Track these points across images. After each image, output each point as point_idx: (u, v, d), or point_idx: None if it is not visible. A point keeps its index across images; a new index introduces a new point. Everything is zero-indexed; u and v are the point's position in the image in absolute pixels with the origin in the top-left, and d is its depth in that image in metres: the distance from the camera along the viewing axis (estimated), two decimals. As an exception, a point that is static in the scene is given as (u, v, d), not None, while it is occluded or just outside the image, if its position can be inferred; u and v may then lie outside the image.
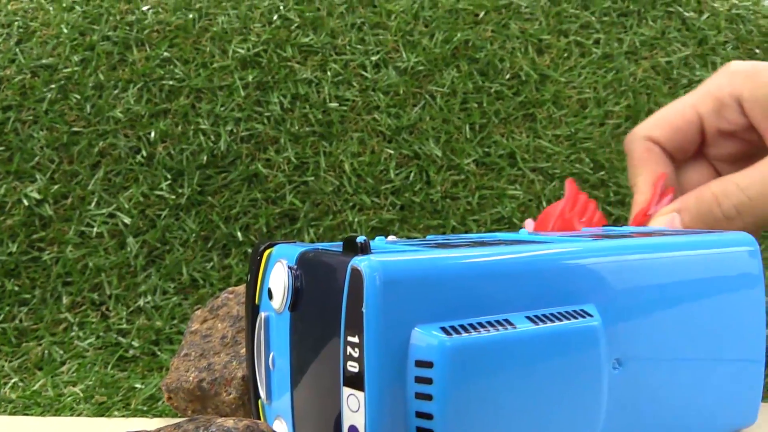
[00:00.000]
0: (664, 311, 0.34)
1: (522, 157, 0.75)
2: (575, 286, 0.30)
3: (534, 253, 0.29)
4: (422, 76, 0.75)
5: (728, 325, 0.37)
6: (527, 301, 0.28)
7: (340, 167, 0.70)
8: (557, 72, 0.79)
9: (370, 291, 0.26)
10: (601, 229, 0.44)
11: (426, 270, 0.27)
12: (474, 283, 0.27)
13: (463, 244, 0.33)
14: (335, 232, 0.69)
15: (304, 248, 0.32)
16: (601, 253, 0.31)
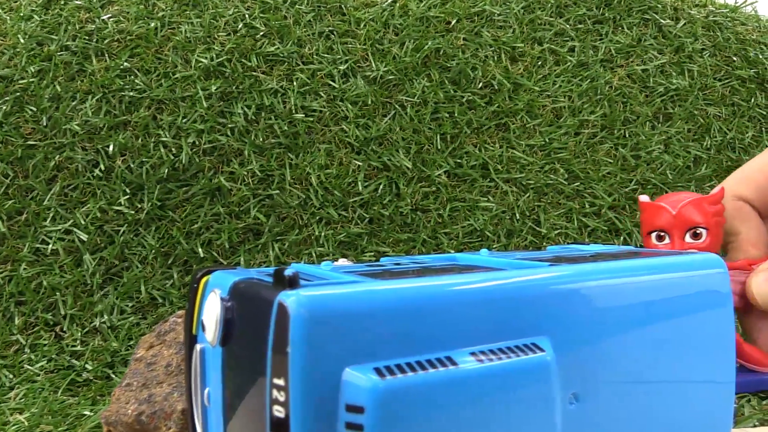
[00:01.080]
0: (627, 338, 0.32)
1: (495, 167, 0.73)
2: (526, 318, 0.28)
3: (480, 285, 0.27)
4: (392, 86, 0.73)
5: (696, 348, 0.35)
6: (472, 336, 0.26)
7: (306, 180, 0.68)
8: (531, 80, 0.77)
9: (296, 330, 0.24)
10: (565, 249, 0.42)
11: (360, 305, 0.25)
12: (413, 319, 0.25)
13: (410, 271, 0.30)
14: (301, 246, 0.67)
15: (239, 277, 0.30)
16: (556, 281, 0.29)
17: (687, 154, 0.79)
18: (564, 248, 0.43)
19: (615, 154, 0.77)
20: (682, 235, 0.43)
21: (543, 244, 0.72)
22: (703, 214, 0.44)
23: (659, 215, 0.44)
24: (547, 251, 0.42)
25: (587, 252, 0.40)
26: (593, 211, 0.74)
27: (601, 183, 0.75)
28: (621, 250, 0.41)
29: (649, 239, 0.44)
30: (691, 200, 0.44)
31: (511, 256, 0.38)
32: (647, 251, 0.39)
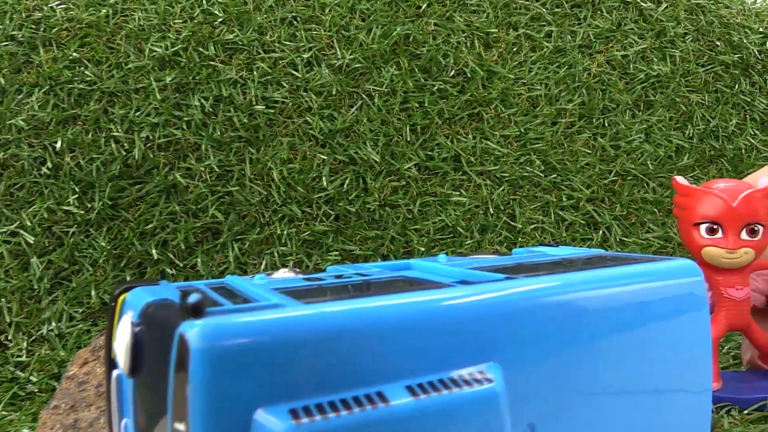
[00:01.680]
0: (593, 355, 0.29)
1: (468, 160, 0.69)
2: (473, 344, 0.24)
3: (420, 307, 0.24)
4: (359, 75, 0.69)
5: (669, 359, 0.32)
6: (410, 367, 0.23)
7: (268, 175, 0.65)
8: (506, 68, 0.73)
9: (197, 367, 0.20)
10: (530, 254, 0.39)
11: (276, 336, 0.21)
12: (339, 349, 0.22)
13: (346, 289, 0.27)
14: (263, 246, 0.63)
15: (152, 298, 0.26)
16: (509, 299, 0.26)
17: (668, 144, 0.76)
18: (530, 252, 0.40)
19: (594, 144, 0.74)
20: (738, 230, 0.39)
21: (518, 239, 0.68)
22: (761, 208, 0.39)
23: (714, 205, 0.38)
24: (512, 256, 0.38)
25: (553, 258, 0.36)
26: (571, 204, 0.71)
27: (579, 174, 0.72)
28: (591, 254, 0.37)
29: (697, 231, 0.39)
30: (753, 191, 0.38)
31: (469, 264, 0.35)
32: (618, 256, 0.36)
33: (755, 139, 0.80)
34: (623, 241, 0.71)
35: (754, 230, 0.39)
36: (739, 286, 0.41)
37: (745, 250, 0.39)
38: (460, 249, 0.67)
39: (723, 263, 0.40)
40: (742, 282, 0.41)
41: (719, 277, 0.41)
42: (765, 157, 0.80)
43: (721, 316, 0.41)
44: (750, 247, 0.39)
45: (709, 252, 0.40)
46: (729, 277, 0.41)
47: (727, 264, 0.40)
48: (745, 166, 0.78)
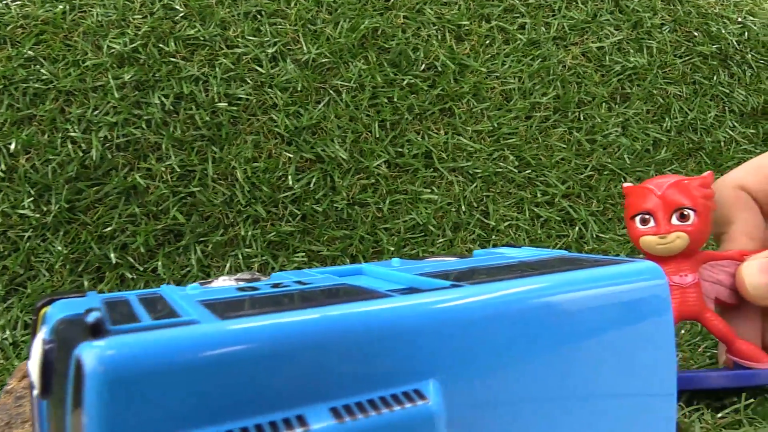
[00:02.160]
0: (546, 366, 0.27)
1: (439, 156, 0.68)
2: (409, 359, 0.23)
3: (349, 320, 0.22)
4: (326, 70, 0.67)
5: (630, 365, 0.30)
6: (336, 387, 0.21)
7: (231, 175, 0.63)
8: (478, 61, 0.71)
9: (92, 393, 0.18)
10: (490, 256, 0.37)
11: (182, 356, 0.19)
12: (256, 369, 0.20)
13: (276, 300, 0.25)
14: (227, 248, 0.61)
15: (66, 313, 0.24)
16: (449, 309, 0.24)
17: (646, 137, 0.75)
18: (489, 255, 0.38)
19: (569, 139, 0.72)
20: (668, 216, 0.41)
21: (492, 237, 0.67)
22: (690, 195, 0.40)
23: (644, 197, 0.41)
24: (469, 259, 0.37)
25: (510, 261, 0.35)
26: (546, 201, 0.69)
27: (554, 170, 0.70)
28: (551, 256, 0.36)
29: (634, 224, 0.41)
30: (677, 180, 0.41)
31: (421, 268, 0.33)
32: (580, 258, 0.34)
33: (734, 131, 0.78)
34: (600, 238, 0.69)
35: (683, 215, 0.41)
36: (683, 273, 0.42)
37: (676, 234, 0.41)
38: (431, 248, 0.65)
39: (658, 250, 0.40)
40: (689, 269, 0.42)
41: (665, 267, 0.41)
42: (744, 150, 0.78)
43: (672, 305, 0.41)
44: (682, 231, 0.40)
45: (644, 241, 0.41)
46: (675, 266, 0.42)
47: (662, 250, 0.41)
48: (725, 158, 0.77)
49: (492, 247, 0.43)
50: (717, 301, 0.42)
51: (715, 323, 0.41)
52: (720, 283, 0.42)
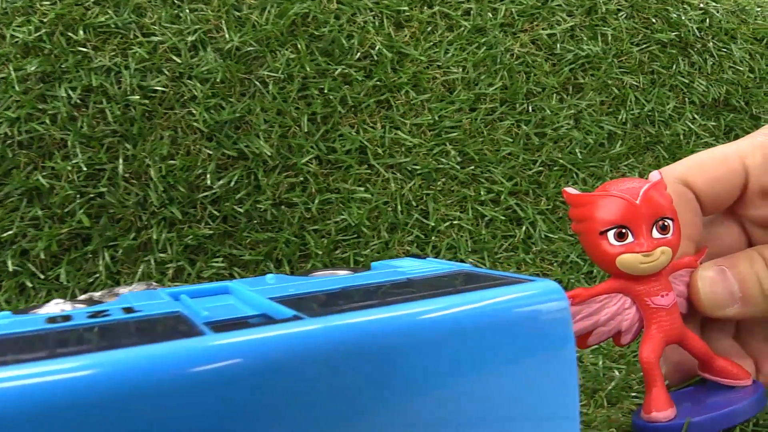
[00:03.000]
0: (411, 403, 0.23)
1: (375, 152, 0.63)
2: (215, 418, 0.18)
3: (125, 376, 0.17)
4: (251, 59, 0.62)
5: (525, 391, 0.26)
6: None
7: (145, 174, 0.58)
8: (418, 49, 0.67)
9: None
10: (382, 270, 0.33)
11: None
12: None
13: (68, 340, 0.21)
14: (139, 253, 0.56)
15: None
16: (271, 352, 0.20)
17: (600, 130, 0.70)
18: (385, 268, 0.34)
19: (516, 132, 0.68)
20: (649, 229, 0.33)
21: (432, 238, 0.62)
22: (664, 201, 0.34)
23: (617, 206, 0.33)
24: (358, 275, 0.32)
25: (401, 277, 0.30)
26: (491, 199, 0.65)
27: (501, 166, 0.66)
28: (452, 271, 0.31)
29: (605, 240, 0.33)
30: (652, 185, 0.34)
31: (295, 288, 0.28)
32: (483, 274, 0.30)
33: (694, 124, 0.74)
34: (549, 238, 0.65)
35: (664, 226, 0.34)
36: (664, 292, 0.35)
37: (661, 249, 0.34)
38: (364, 251, 0.60)
39: (642, 269, 0.34)
40: (665, 287, 0.35)
41: (640, 287, 0.35)
42: (705, 143, 0.74)
43: (653, 331, 0.35)
44: (665, 245, 0.34)
45: (624, 260, 0.34)
46: (650, 285, 0.35)
47: (646, 269, 0.34)
48: (684, 152, 0.73)
49: (404, 256, 0.39)
50: None
51: (694, 344, 0.36)
52: (681, 294, 0.37)
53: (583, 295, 0.34)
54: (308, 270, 0.34)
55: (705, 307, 0.36)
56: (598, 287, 0.35)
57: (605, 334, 0.35)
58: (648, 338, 0.35)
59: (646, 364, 0.34)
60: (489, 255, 0.63)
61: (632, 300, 0.35)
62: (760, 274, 0.35)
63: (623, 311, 0.35)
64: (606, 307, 0.35)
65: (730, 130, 0.76)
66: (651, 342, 0.35)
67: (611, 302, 0.34)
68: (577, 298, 0.34)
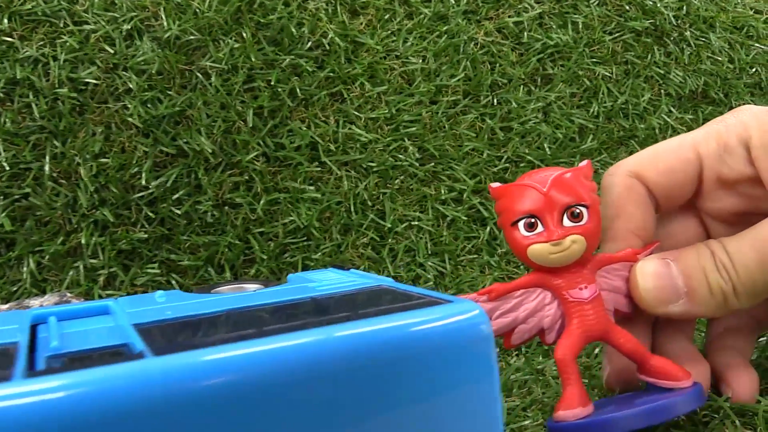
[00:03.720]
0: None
1: (327, 148, 0.59)
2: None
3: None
4: (192, 49, 0.58)
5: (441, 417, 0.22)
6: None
7: (75, 173, 0.53)
8: (375, 38, 0.63)
9: None
10: (297, 284, 0.29)
11: None
12: None
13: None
14: (67, 259, 0.52)
15: None
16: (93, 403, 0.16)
17: (570, 124, 0.66)
18: (299, 281, 0.30)
19: (480, 127, 0.64)
20: (559, 217, 0.31)
21: (388, 240, 0.58)
22: (578, 188, 0.32)
23: (525, 197, 0.31)
24: (267, 290, 0.28)
25: (307, 297, 0.26)
26: (453, 198, 0.61)
27: (464, 162, 0.62)
28: (370, 288, 0.27)
29: (515, 231, 0.31)
30: (561, 173, 0.32)
31: (161, 311, 0.24)
32: (403, 293, 0.26)
33: (670, 117, 0.71)
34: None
35: (575, 213, 0.31)
36: (583, 284, 0.32)
37: (572, 238, 0.31)
38: (315, 254, 0.56)
39: (552, 260, 0.31)
40: (585, 279, 0.33)
41: (558, 280, 0.32)
42: (681, 137, 0.70)
43: (573, 326, 0.33)
44: (577, 233, 0.31)
45: (534, 251, 0.31)
46: (569, 277, 0.32)
47: (557, 260, 0.32)
48: (659, 147, 0.69)
49: (328, 267, 0.35)
50: (617, 312, 0.34)
51: (623, 341, 0.33)
52: (617, 290, 0.34)
53: (498, 290, 0.31)
54: (213, 285, 0.30)
55: (645, 302, 0.33)
56: (516, 282, 0.32)
57: (527, 332, 0.33)
58: (566, 334, 0.32)
59: (560, 362, 0.32)
60: (451, 258, 0.59)
61: (552, 294, 0.32)
62: (706, 267, 0.31)
63: (543, 307, 0.33)
64: (524, 303, 0.32)
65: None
66: (568, 338, 0.32)
67: (529, 297, 0.32)
68: (492, 293, 0.31)
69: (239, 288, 0.30)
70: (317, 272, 0.32)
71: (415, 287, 0.26)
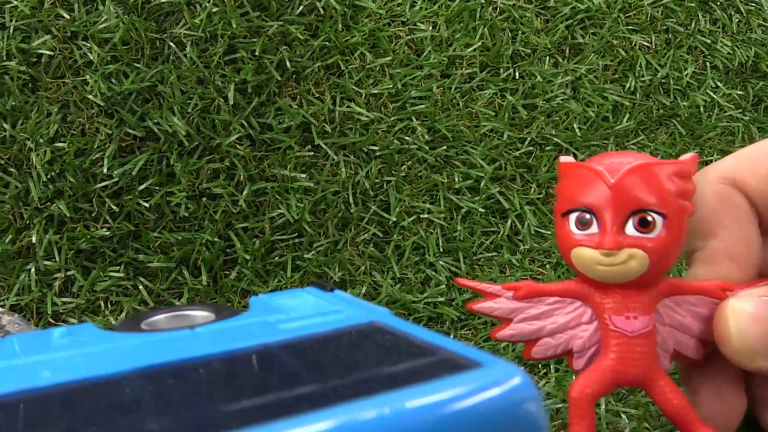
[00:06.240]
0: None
1: (321, 129, 0.51)
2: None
3: None
4: (163, 15, 0.50)
5: None
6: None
7: (26, 160, 0.46)
8: (377, 2, 0.54)
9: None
10: (261, 316, 0.21)
11: None
12: None
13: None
14: (18, 261, 0.44)
15: None
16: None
17: (603, 101, 0.58)
18: (259, 311, 0.22)
19: (500, 104, 0.56)
20: (621, 221, 0.24)
21: (393, 236, 0.50)
22: (660, 188, 0.24)
23: (586, 185, 0.24)
24: (215, 329, 0.20)
25: (252, 348, 0.18)
26: (469, 186, 0.53)
27: (480, 145, 0.54)
28: (345, 331, 0.19)
29: (565, 224, 0.24)
30: (642, 163, 0.24)
31: (38, 367, 0.17)
32: (402, 340, 0.18)
33: (716, 93, 0.62)
34: (540, 233, 0.53)
35: (645, 222, 0.24)
36: (634, 313, 0.25)
37: (631, 252, 0.24)
38: (307, 254, 0.48)
39: (600, 273, 0.24)
40: (641, 308, 0.25)
41: (605, 299, 0.25)
42: (730, 117, 0.62)
43: (606, 360, 0.25)
44: (638, 248, 0.23)
45: (579, 255, 0.24)
46: (620, 300, 0.25)
47: (605, 274, 0.25)
48: (705, 128, 0.60)
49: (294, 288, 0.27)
50: (676, 355, 0.26)
51: (668, 396, 0.25)
52: (684, 329, 0.26)
53: (528, 289, 0.25)
54: (146, 313, 0.22)
55: (737, 353, 0.24)
56: (552, 285, 0.26)
57: (551, 349, 0.26)
58: (593, 368, 0.25)
59: (573, 400, 0.25)
60: (466, 256, 0.51)
61: (593, 313, 0.25)
62: None
63: (578, 325, 0.26)
64: (556, 314, 0.26)
65: (759, 100, 0.64)
66: (594, 373, 0.25)
67: (564, 309, 0.26)
68: (520, 291, 0.25)
69: (179, 318, 0.22)
70: (289, 294, 0.24)
71: (417, 327, 0.18)
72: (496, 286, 0.26)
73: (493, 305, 0.26)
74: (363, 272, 0.49)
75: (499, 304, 0.26)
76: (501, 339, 0.26)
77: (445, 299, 0.49)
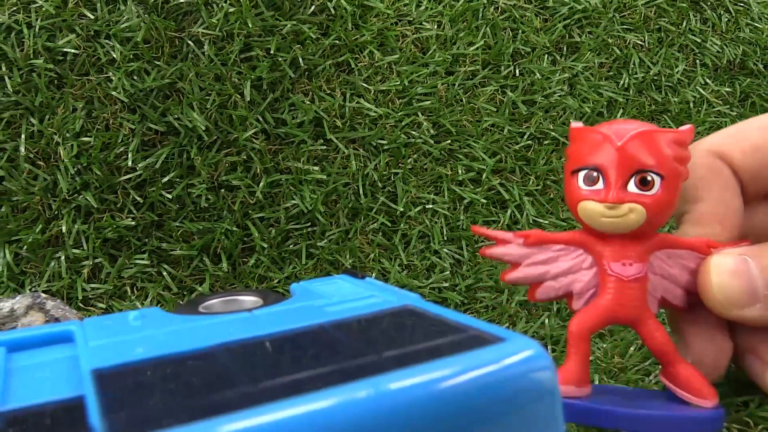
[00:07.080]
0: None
1: (332, 124, 0.53)
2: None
3: None
4: (182, 15, 0.52)
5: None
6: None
7: (54, 154, 0.48)
8: (385, 1, 0.57)
9: None
10: (303, 302, 0.24)
11: None
12: None
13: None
14: (48, 249, 0.47)
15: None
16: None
17: (598, 97, 0.61)
18: (303, 297, 0.25)
19: (501, 100, 0.58)
20: (624, 179, 0.27)
21: (401, 225, 0.53)
22: (660, 153, 0.27)
23: (594, 147, 0.27)
24: (265, 311, 0.23)
25: (308, 327, 0.21)
26: (471, 178, 0.56)
27: (482, 139, 0.57)
28: (386, 313, 0.22)
29: (574, 181, 0.28)
30: (644, 130, 0.27)
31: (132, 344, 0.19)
32: (434, 321, 0.21)
33: (706, 89, 0.65)
34: (538, 222, 0.56)
35: (645, 180, 0.27)
36: (630, 260, 0.28)
37: (630, 206, 0.27)
38: (319, 242, 0.51)
39: (603, 224, 0.28)
40: (635, 256, 0.28)
41: (604, 248, 0.28)
42: (718, 112, 0.65)
43: (602, 300, 0.29)
44: (639, 203, 0.27)
45: (586, 208, 0.28)
46: (617, 249, 0.28)
47: (607, 225, 0.28)
48: (694, 122, 0.63)
49: (328, 275, 0.29)
50: (663, 302, 0.30)
51: (655, 334, 0.28)
52: (672, 278, 0.29)
53: (536, 236, 0.28)
54: (199, 298, 0.25)
55: (717, 303, 0.28)
56: (558, 234, 0.29)
57: (554, 291, 0.29)
58: (591, 306, 0.28)
59: (572, 334, 0.28)
60: (468, 244, 0.54)
61: (593, 260, 0.28)
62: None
63: (579, 270, 0.29)
64: (560, 260, 0.29)
65: (746, 96, 0.67)
66: (591, 311, 0.28)
67: (568, 255, 0.29)
68: (530, 238, 0.28)
69: (232, 303, 0.25)
70: (326, 281, 0.27)
71: (445, 309, 0.21)
72: (508, 234, 0.29)
73: (505, 250, 0.29)
74: (372, 259, 0.52)
75: (510, 250, 0.29)
76: (509, 281, 0.29)
77: (450, 284, 0.52)
